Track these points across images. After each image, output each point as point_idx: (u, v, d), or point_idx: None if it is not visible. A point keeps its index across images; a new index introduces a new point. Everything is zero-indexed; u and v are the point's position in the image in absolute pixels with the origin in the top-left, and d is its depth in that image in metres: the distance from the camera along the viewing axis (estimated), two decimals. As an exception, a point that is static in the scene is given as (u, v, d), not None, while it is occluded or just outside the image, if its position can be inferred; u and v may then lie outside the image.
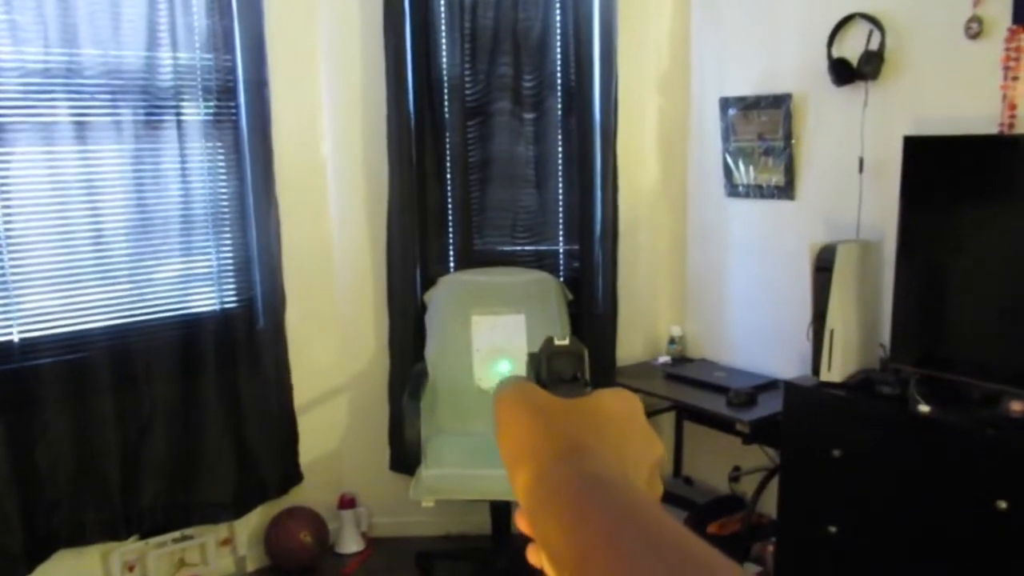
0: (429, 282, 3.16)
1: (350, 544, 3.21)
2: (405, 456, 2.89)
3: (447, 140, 3.12)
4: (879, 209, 2.50)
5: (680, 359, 3.15)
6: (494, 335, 3.05)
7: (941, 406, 2.14)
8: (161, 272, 2.74)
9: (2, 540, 2.43)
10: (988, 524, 1.97)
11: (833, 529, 2.32)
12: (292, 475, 3.10)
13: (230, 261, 2.89)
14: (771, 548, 2.76)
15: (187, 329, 2.79)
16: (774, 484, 2.57)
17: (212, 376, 2.84)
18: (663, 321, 3.25)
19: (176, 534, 2.83)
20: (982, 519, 1.98)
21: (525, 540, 0.47)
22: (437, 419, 2.98)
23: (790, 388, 2.39)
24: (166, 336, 2.75)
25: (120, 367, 2.65)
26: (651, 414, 3.20)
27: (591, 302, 3.14)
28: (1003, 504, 1.95)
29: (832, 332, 2.32)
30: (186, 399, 2.80)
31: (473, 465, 2.65)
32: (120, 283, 2.65)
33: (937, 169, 2.21)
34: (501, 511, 2.89)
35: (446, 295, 3.09)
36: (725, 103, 2.93)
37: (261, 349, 2.95)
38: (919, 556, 2.12)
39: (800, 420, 2.37)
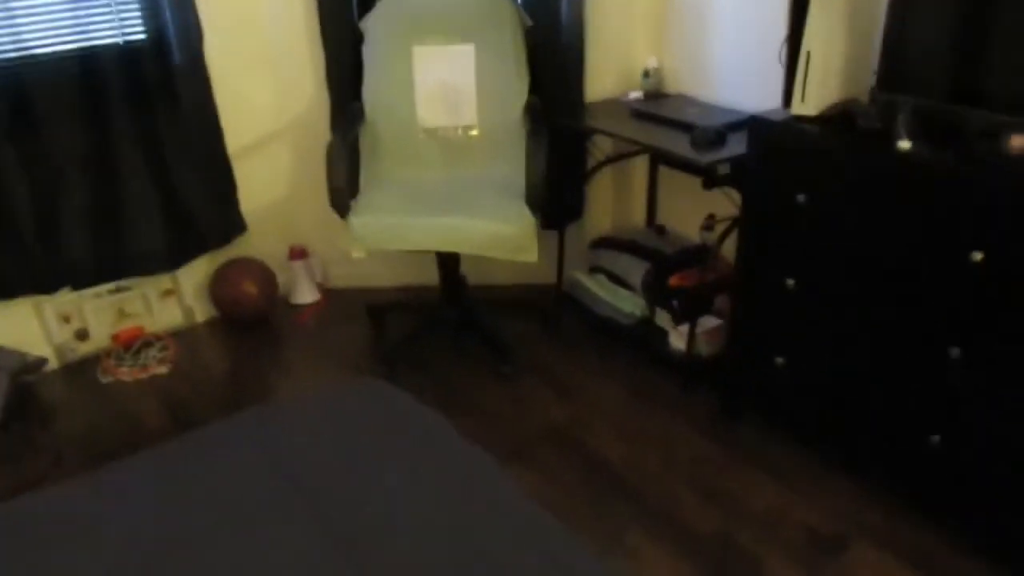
0: (366, 6, 2.73)
1: (304, 295, 3.11)
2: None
3: None
4: None
5: (655, 95, 2.76)
6: (439, 69, 2.67)
7: (929, 143, 1.79)
8: (42, -3, 2.37)
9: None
10: (960, 277, 1.70)
11: (791, 282, 2.08)
12: (233, 225, 2.92)
13: (124, -17, 2.49)
14: (734, 301, 2.56)
15: (86, 65, 2.48)
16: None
17: (125, 118, 2.57)
18: (639, 52, 2.82)
19: (111, 286, 2.73)
20: (954, 272, 1.71)
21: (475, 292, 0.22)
22: (377, 163, 2.72)
23: (755, 123, 2.03)
24: (63, 73, 2.45)
25: (15, 108, 2.39)
26: (620, 157, 2.89)
27: (554, 30, 2.70)
28: (978, 256, 1.66)
29: (809, 55, 1.92)
30: (99, 144, 2.56)
31: (410, 213, 2.42)
32: (-3, 11, 2.30)
33: None
34: (449, 262, 2.71)
35: (384, 22, 2.68)
36: None
37: (179, 88, 2.64)
38: (881, 311, 1.88)
39: (764, 160, 2.05)
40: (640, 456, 2.24)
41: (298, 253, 3.05)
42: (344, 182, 2.41)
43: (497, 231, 2.37)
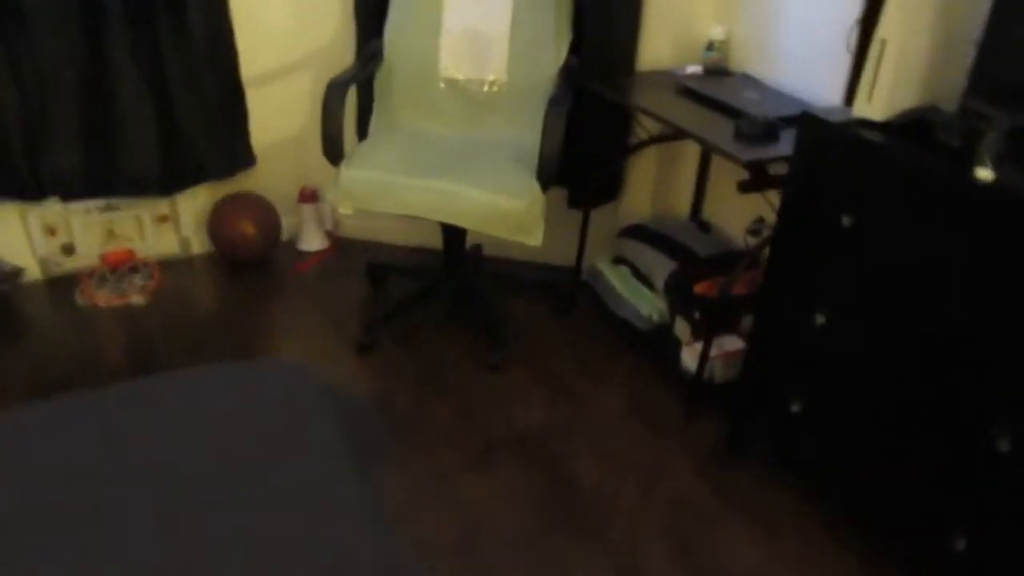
0: (402, -68, 2.44)
1: (312, 241, 2.91)
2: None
3: None
4: None
5: (716, 71, 2.39)
6: (470, 14, 2.37)
7: (1020, 173, 1.40)
8: None
9: None
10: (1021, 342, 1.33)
11: (821, 319, 1.73)
12: (240, 157, 2.72)
13: None
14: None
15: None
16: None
17: (122, 29, 2.37)
18: (704, 17, 2.44)
19: (100, 203, 2.58)
20: (1016, 333, 1.33)
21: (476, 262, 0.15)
22: (389, 112, 2.45)
23: (806, 121, 1.66)
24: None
25: (3, 9, 2.23)
26: (668, 138, 2.53)
27: (609, -20, 2.35)
28: (1052, 330, 1.29)
29: (884, 44, 1.53)
30: (94, 54, 2.38)
31: (407, 173, 2.15)
32: None
33: None
34: (452, 230, 2.44)
35: (418, -48, 2.38)
36: None
37: (187, 2, 2.42)
38: (925, 376, 1.52)
39: (811, 168, 1.68)
40: (616, 484, 1.95)
41: (309, 196, 2.84)
42: (339, 129, 2.16)
43: (498, 204, 2.08)
